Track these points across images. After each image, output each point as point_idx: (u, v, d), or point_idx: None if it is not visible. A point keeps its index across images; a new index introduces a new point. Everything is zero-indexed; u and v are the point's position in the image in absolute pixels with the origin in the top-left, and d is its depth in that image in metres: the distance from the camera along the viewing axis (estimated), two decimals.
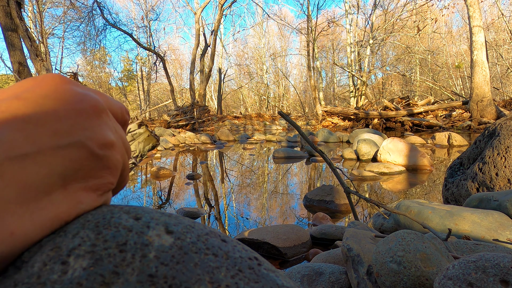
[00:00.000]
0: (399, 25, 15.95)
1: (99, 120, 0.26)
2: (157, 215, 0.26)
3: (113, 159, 0.27)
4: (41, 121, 0.22)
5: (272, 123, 12.99)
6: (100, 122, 0.26)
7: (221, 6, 13.41)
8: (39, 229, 0.21)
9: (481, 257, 0.45)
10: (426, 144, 4.85)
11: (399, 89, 17.72)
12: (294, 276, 0.80)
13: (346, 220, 1.68)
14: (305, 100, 24.01)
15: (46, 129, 0.22)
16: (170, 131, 7.26)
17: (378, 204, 1.08)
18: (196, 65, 14.36)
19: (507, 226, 0.89)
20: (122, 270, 0.20)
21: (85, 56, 20.86)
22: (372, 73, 16.83)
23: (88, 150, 0.24)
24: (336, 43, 24.24)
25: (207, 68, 14.48)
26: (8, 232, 0.19)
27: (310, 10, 13.56)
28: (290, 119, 1.49)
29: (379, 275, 0.57)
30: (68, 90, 0.25)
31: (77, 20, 14.18)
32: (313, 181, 2.73)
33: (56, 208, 0.22)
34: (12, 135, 0.21)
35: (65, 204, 0.23)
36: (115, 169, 0.28)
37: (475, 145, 1.59)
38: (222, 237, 0.27)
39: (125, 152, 0.29)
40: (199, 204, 2.05)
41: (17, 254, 0.21)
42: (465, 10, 10.09)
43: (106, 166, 0.26)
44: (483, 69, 7.79)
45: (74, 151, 0.23)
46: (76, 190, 0.24)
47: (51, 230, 0.22)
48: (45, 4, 13.97)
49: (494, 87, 13.42)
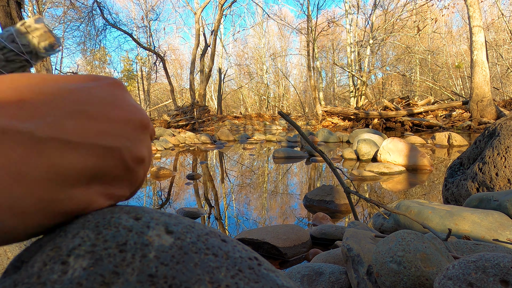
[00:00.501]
0: (399, 25, 15.94)
1: (142, 135, 0.27)
2: (157, 215, 0.26)
3: (139, 175, 0.28)
4: (93, 117, 0.23)
5: (272, 123, 12.98)
6: (142, 137, 0.27)
7: (221, 6, 13.41)
8: (44, 219, 0.21)
9: (481, 257, 0.45)
10: (426, 144, 4.84)
11: (399, 89, 17.71)
12: (294, 276, 0.80)
13: (346, 220, 1.68)
14: (305, 100, 23.99)
15: (95, 126, 0.23)
16: (170, 131, 7.26)
17: (378, 204, 1.08)
18: (196, 65, 14.36)
19: (507, 226, 0.89)
20: (122, 270, 0.20)
21: (85, 56, 20.86)
22: (372, 73, 16.83)
23: (122, 159, 0.25)
24: (336, 43, 24.23)
25: (207, 68, 14.47)
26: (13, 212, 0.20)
27: (310, 10, 13.55)
28: (290, 119, 1.49)
29: (379, 275, 0.57)
30: (123, 98, 0.26)
31: (77, 20, 14.18)
32: (313, 181, 2.73)
33: (72, 205, 0.22)
34: (63, 120, 0.22)
35: (81, 203, 0.23)
36: (135, 185, 0.28)
37: (475, 145, 1.59)
38: (222, 237, 0.27)
39: (148, 169, 0.30)
40: (199, 204, 2.05)
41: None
42: (465, 10, 10.09)
43: (130, 179, 0.27)
44: (483, 69, 7.79)
45: (111, 155, 0.24)
46: (95, 193, 0.24)
47: (52, 223, 0.22)
48: (45, 4, 13.96)
49: (494, 87, 13.42)
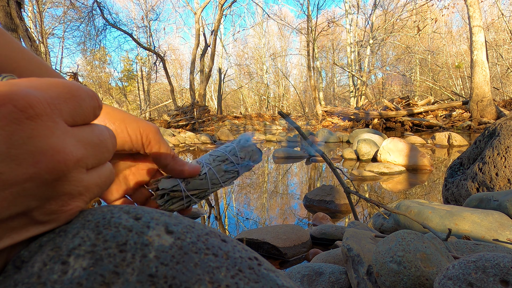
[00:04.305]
0: (399, 25, 15.95)
1: (56, 187, 0.19)
2: (157, 215, 0.26)
3: (62, 217, 0.21)
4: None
5: (272, 123, 12.99)
6: (58, 188, 0.19)
7: (221, 6, 13.41)
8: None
9: (481, 257, 0.45)
10: (426, 144, 4.84)
11: (399, 89, 17.71)
12: (294, 276, 0.80)
13: (346, 220, 1.68)
14: (305, 100, 24.00)
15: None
16: (170, 131, 7.26)
17: (378, 204, 1.08)
18: (196, 65, 14.36)
19: (507, 226, 0.89)
20: (122, 270, 0.20)
21: (85, 56, 20.87)
22: (372, 73, 16.84)
23: (32, 219, 0.19)
24: (336, 43, 24.24)
25: (207, 68, 14.47)
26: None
27: (310, 10, 13.56)
28: (290, 119, 1.50)
29: (379, 275, 0.57)
30: (26, 137, 0.17)
31: (77, 20, 14.19)
32: (313, 181, 2.73)
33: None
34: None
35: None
36: (65, 220, 0.22)
37: (475, 145, 1.59)
38: (222, 237, 0.27)
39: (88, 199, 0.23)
40: (199, 204, 2.05)
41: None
42: (465, 10, 10.09)
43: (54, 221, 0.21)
44: (483, 69, 7.79)
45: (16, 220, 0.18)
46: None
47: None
48: (45, 4, 13.97)
49: (494, 87, 13.42)
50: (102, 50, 20.10)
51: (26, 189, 0.17)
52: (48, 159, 0.18)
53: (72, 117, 0.21)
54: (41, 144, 0.18)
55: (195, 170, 0.35)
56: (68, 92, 0.21)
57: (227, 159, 0.38)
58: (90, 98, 0.22)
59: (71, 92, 0.21)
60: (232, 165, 0.38)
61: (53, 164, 0.18)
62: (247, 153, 0.39)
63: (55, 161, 0.18)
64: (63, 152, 0.19)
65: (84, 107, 0.22)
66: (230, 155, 0.38)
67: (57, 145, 0.18)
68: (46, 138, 0.18)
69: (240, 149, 0.39)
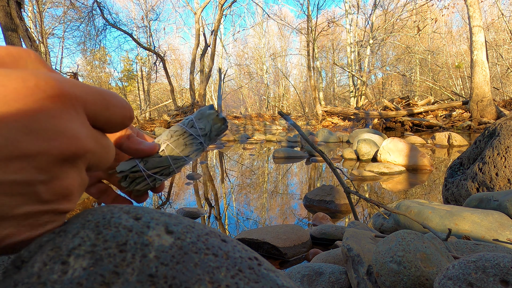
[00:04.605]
0: (399, 25, 15.95)
1: (65, 168, 0.21)
2: (157, 215, 0.25)
3: (62, 209, 0.22)
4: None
5: (272, 123, 12.99)
6: (66, 169, 0.21)
7: (221, 6, 13.41)
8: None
9: (481, 257, 0.45)
10: (426, 144, 4.84)
11: (399, 89, 17.71)
12: (294, 276, 0.80)
13: (346, 220, 1.68)
14: (305, 100, 23.99)
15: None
16: None
17: (378, 204, 1.08)
18: (196, 65, 14.35)
19: (507, 226, 0.89)
20: (122, 270, 0.20)
21: (85, 56, 20.86)
22: (372, 73, 16.84)
23: (36, 194, 0.20)
24: (336, 43, 24.23)
25: (207, 68, 14.47)
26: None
27: (310, 10, 13.55)
28: (290, 119, 1.50)
29: (379, 275, 0.57)
30: (45, 116, 0.20)
31: (77, 20, 14.17)
32: (313, 181, 2.73)
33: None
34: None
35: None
36: (61, 218, 0.23)
37: (475, 145, 1.59)
38: (222, 237, 0.27)
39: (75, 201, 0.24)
40: (199, 204, 2.04)
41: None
42: (465, 10, 10.09)
43: (53, 212, 0.22)
44: (483, 69, 7.79)
45: (20, 191, 0.20)
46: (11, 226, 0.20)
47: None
48: (45, 4, 13.97)
49: (494, 87, 13.42)
50: (102, 50, 20.10)
51: (38, 162, 0.19)
52: (61, 140, 0.20)
53: (95, 115, 0.23)
54: (59, 125, 0.20)
55: (152, 148, 0.35)
56: (99, 94, 0.24)
57: (185, 132, 0.37)
58: (122, 107, 0.25)
59: (102, 95, 0.24)
60: (192, 137, 0.37)
61: (65, 145, 0.20)
62: (207, 123, 0.38)
63: (68, 143, 0.20)
64: (76, 138, 0.21)
65: (112, 112, 0.24)
66: (188, 128, 0.37)
67: (73, 130, 0.21)
68: (65, 122, 0.20)
69: (199, 119, 0.38)
